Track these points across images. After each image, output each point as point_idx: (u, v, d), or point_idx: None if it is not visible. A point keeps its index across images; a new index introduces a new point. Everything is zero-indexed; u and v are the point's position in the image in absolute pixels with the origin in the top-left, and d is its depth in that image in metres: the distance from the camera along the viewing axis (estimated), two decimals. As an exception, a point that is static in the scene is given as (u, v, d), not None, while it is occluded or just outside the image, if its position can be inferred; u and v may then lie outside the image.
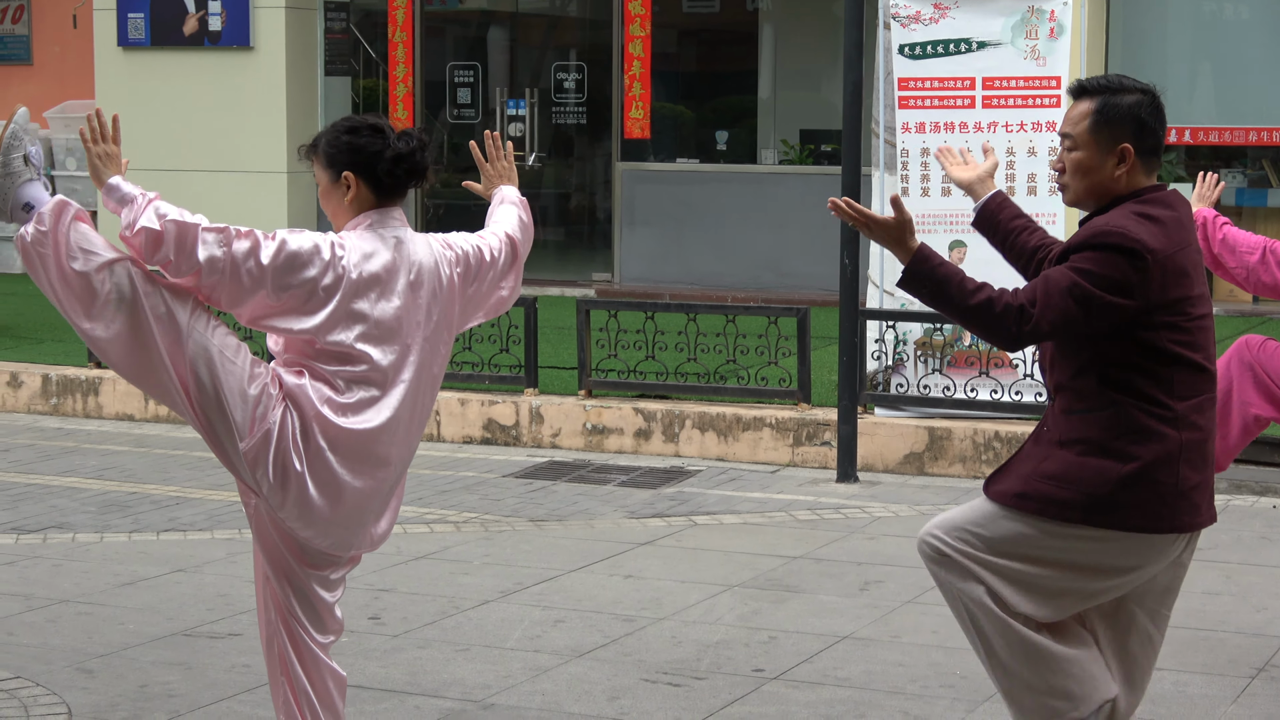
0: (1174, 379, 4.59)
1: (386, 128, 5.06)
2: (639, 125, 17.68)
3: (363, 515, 5.09)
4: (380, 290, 4.95)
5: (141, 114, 18.68)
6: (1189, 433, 4.59)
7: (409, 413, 5.06)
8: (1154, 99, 4.74)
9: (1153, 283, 4.53)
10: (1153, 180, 4.73)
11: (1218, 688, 6.71)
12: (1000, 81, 10.78)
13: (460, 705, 6.51)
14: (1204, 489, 4.66)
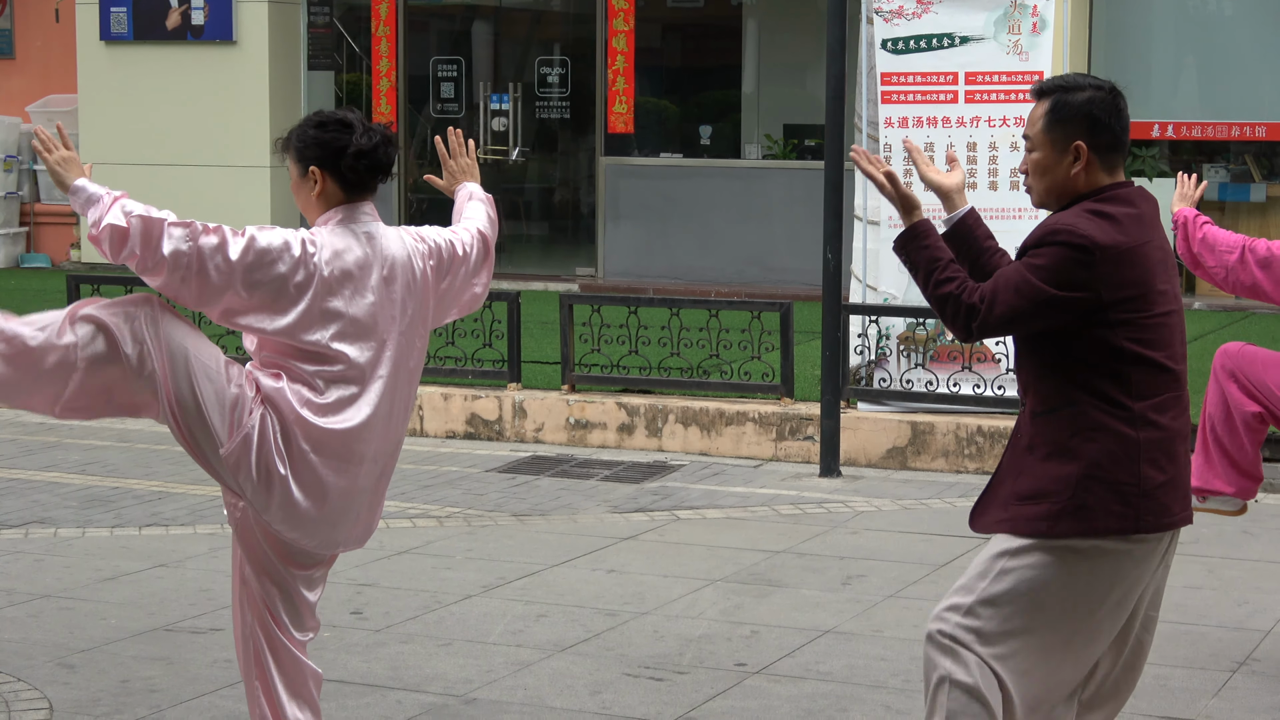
0: (1132, 377, 4.52)
1: (356, 122, 5.03)
2: (623, 120, 17.68)
3: (346, 513, 5.08)
4: (354, 287, 4.93)
5: (124, 108, 18.66)
6: (1148, 431, 4.53)
7: (388, 408, 5.05)
8: (1110, 95, 4.66)
9: (1102, 278, 4.49)
10: (1116, 177, 4.68)
11: (1199, 681, 6.72)
12: (983, 76, 10.79)
13: (442, 700, 6.51)
14: (1171, 488, 4.58)
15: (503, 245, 19.60)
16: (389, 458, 5.21)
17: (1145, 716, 6.30)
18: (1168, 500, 4.57)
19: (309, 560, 5.17)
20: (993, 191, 10.76)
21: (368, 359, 4.96)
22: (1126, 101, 4.71)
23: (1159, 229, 4.65)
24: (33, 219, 19.79)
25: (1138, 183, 14.64)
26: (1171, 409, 4.58)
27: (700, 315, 11.69)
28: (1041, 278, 4.52)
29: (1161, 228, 4.69)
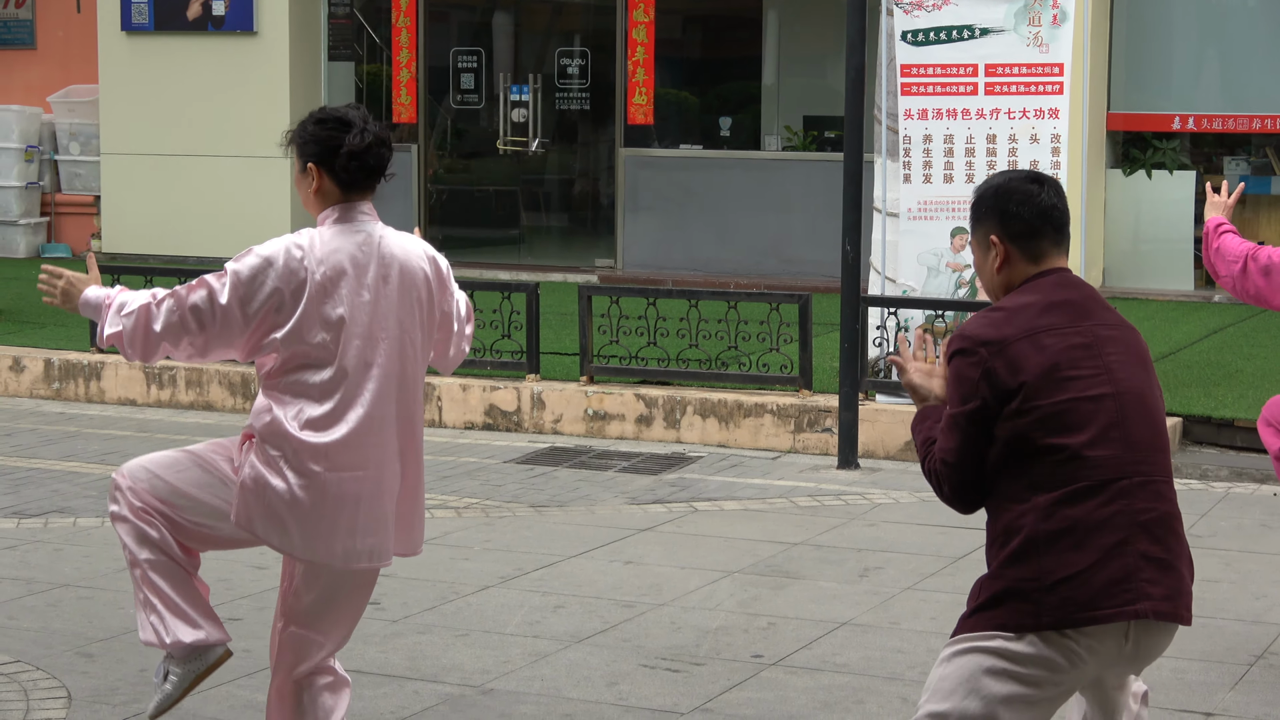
0: (1033, 471, 4.33)
1: (355, 120, 5.01)
2: (642, 111, 17.68)
3: (367, 521, 5.06)
4: (348, 285, 4.93)
5: (144, 99, 18.69)
6: (1049, 524, 4.29)
7: (389, 409, 5.02)
8: (1024, 182, 4.53)
9: (996, 373, 4.34)
10: (1044, 265, 4.52)
11: (1216, 674, 6.72)
12: (1003, 68, 10.78)
13: (459, 690, 6.52)
14: (1080, 584, 4.27)
15: (522, 236, 19.69)
16: (405, 461, 5.16)
17: (1163, 709, 6.29)
18: (1074, 594, 4.28)
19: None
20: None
21: (364, 357, 4.95)
22: (1055, 186, 4.57)
23: (1074, 314, 4.45)
24: (54, 209, 19.84)
25: (1155, 176, 14.53)
26: (1085, 499, 4.31)
27: (719, 307, 11.69)
28: (955, 401, 4.43)
29: (1086, 310, 4.47)
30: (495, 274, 17.13)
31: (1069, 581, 4.27)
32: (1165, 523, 4.39)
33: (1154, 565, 4.33)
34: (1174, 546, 4.39)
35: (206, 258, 17.92)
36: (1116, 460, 4.34)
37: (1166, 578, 4.35)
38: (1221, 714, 6.29)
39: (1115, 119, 16.24)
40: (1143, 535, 4.33)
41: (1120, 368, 4.43)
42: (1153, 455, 4.41)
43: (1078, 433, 4.33)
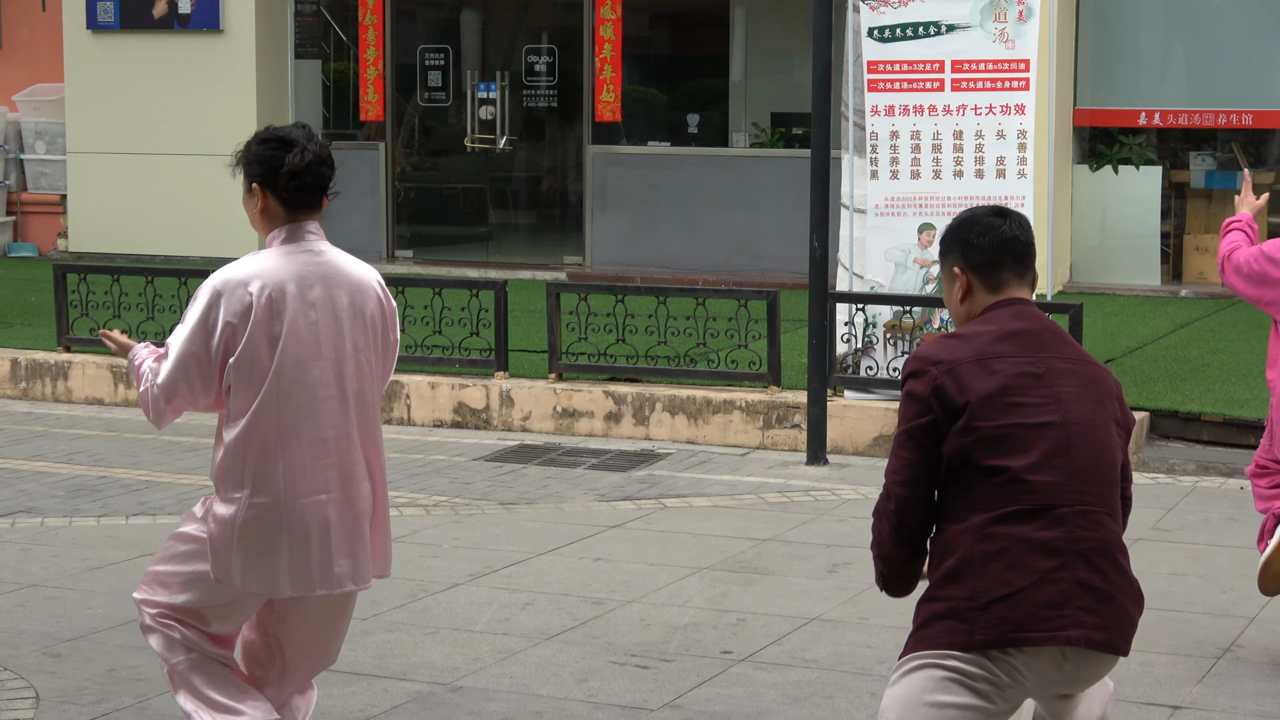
0: (973, 492, 4.36)
1: (298, 139, 4.99)
2: (610, 108, 17.67)
3: (341, 542, 5.01)
4: (293, 306, 4.88)
5: (111, 97, 18.63)
6: (986, 544, 4.32)
7: (345, 430, 4.96)
8: (987, 215, 4.59)
9: (945, 390, 4.38)
10: (1003, 295, 4.56)
11: (1183, 668, 6.74)
12: (969, 64, 10.79)
13: (429, 688, 6.52)
14: (1014, 604, 4.28)
15: (490, 234, 19.66)
16: (375, 481, 5.10)
17: (1130, 703, 6.32)
18: (1011, 614, 4.29)
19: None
20: (979, 180, 10.77)
21: (316, 377, 4.90)
22: (1019, 220, 4.60)
23: (1035, 343, 4.48)
24: (20, 208, 19.76)
25: (1122, 172, 14.56)
26: (1024, 521, 4.31)
27: (687, 304, 11.69)
28: (904, 418, 4.46)
29: (1042, 341, 4.49)
30: (464, 272, 17.10)
31: (1003, 601, 4.29)
32: (1105, 552, 4.38)
33: (1091, 594, 4.33)
34: (1114, 577, 4.39)
35: (174, 256, 17.88)
36: (1058, 487, 4.35)
37: (1104, 607, 4.35)
38: (1189, 707, 6.32)
39: (1082, 114, 16.28)
40: (1080, 563, 4.33)
41: (1071, 399, 4.44)
42: (1096, 486, 4.42)
43: (1019, 456, 4.35)
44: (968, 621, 4.31)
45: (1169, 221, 16.42)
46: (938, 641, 4.37)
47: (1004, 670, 4.33)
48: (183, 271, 12.97)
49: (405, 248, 18.61)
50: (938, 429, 4.39)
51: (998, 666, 4.32)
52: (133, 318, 12.76)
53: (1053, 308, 10.86)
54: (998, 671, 4.32)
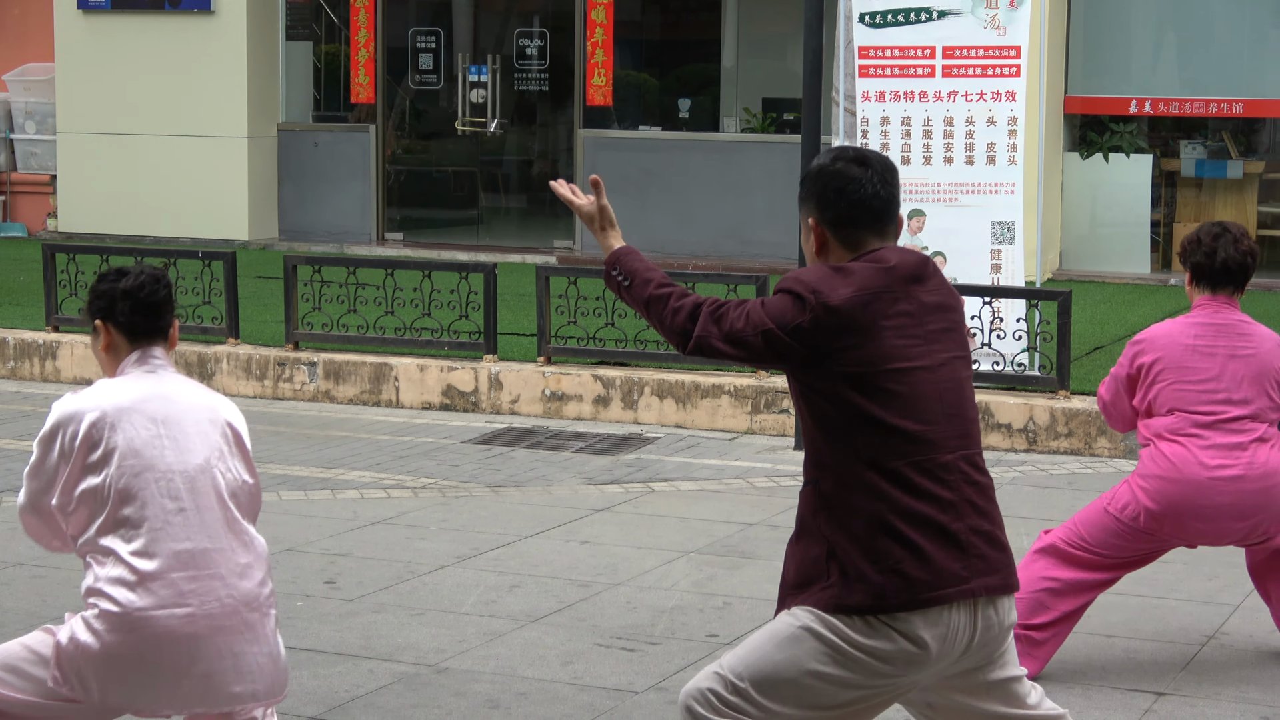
0: (856, 439, 4.26)
1: (132, 270, 4.93)
2: (601, 92, 17.66)
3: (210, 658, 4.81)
4: (143, 430, 4.79)
5: (101, 78, 18.61)
6: (877, 502, 4.24)
7: (202, 543, 4.81)
8: (847, 165, 4.43)
9: (820, 327, 4.27)
10: (863, 250, 4.41)
11: (1168, 654, 6.76)
12: (960, 51, 10.79)
13: (414, 669, 6.53)
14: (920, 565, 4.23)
15: (480, 217, 19.64)
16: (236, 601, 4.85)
17: (1114, 689, 6.33)
18: (919, 575, 4.23)
19: None
20: (969, 166, 10.77)
21: (170, 496, 4.78)
22: (881, 169, 4.46)
23: (907, 280, 4.37)
24: (9, 188, 19.74)
25: (1113, 160, 14.55)
26: (923, 475, 4.25)
27: (677, 288, 11.67)
28: (767, 309, 4.34)
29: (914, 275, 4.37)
30: (453, 254, 17.10)
31: (908, 562, 4.21)
32: (988, 494, 4.37)
33: (984, 539, 4.31)
34: (996, 517, 4.38)
35: (163, 237, 17.87)
36: (920, 437, 4.28)
37: (995, 551, 4.34)
38: (1173, 694, 6.33)
39: (1073, 102, 16.28)
40: (971, 510, 4.31)
41: (938, 337, 4.36)
42: (972, 427, 4.39)
43: (901, 408, 4.26)
44: (870, 583, 4.20)
45: (1159, 210, 16.44)
46: (835, 602, 4.24)
47: (895, 639, 4.21)
48: (172, 252, 12.96)
49: (395, 230, 18.60)
50: (787, 351, 4.30)
51: (889, 635, 4.21)
52: (122, 298, 12.74)
53: (1042, 295, 10.87)
54: (889, 642, 4.21)
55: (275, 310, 13.24)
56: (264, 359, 12.15)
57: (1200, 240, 6.52)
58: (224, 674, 4.80)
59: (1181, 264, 6.64)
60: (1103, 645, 6.84)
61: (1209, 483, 6.23)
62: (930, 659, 4.27)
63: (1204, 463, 6.24)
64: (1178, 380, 6.35)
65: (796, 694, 4.29)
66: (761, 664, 4.31)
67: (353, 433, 10.95)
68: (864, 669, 4.26)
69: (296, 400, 11.99)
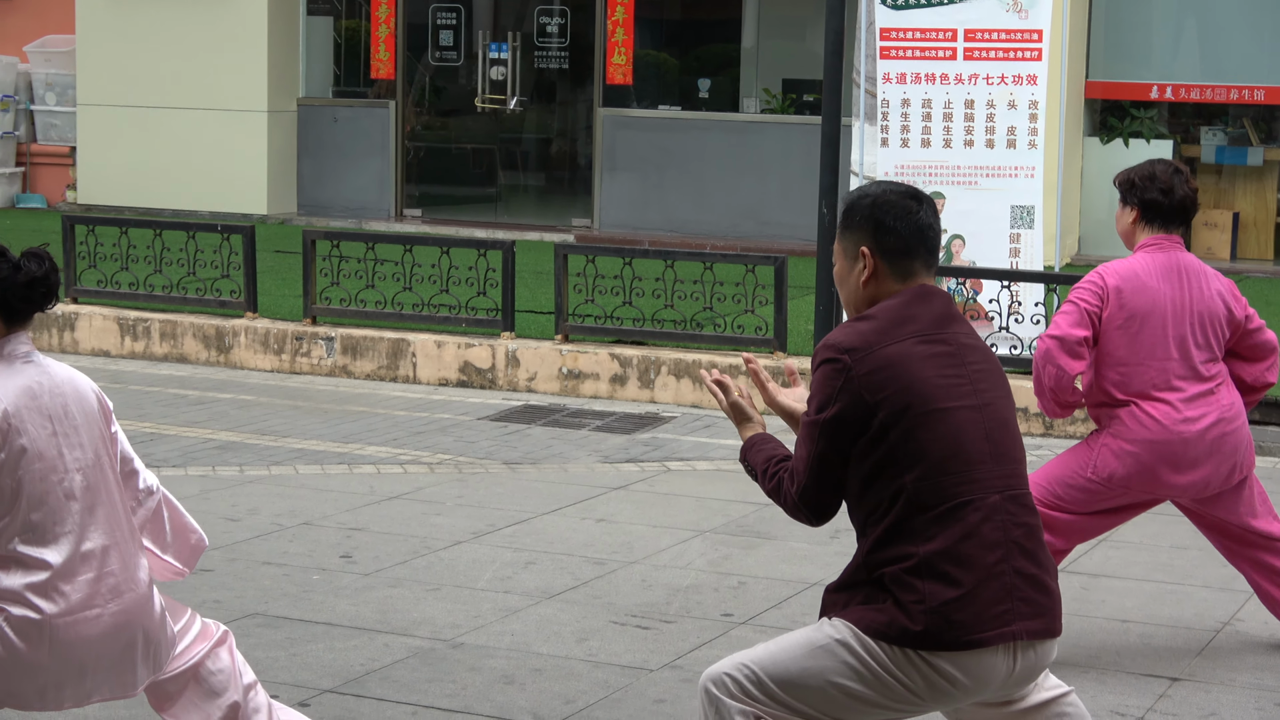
0: (905, 479, 4.24)
1: (7, 252, 4.76)
2: (621, 71, 17.65)
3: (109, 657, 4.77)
4: (30, 421, 4.69)
5: (122, 50, 18.62)
6: (931, 545, 4.22)
7: (101, 541, 4.73)
8: (902, 198, 4.40)
9: (859, 382, 4.26)
10: (911, 283, 4.39)
11: (1183, 640, 6.76)
12: (982, 34, 10.77)
13: (429, 644, 6.54)
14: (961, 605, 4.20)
15: (499, 195, 19.65)
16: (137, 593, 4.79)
17: (1129, 674, 6.34)
18: (960, 617, 4.19)
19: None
20: (989, 149, 10.76)
21: (63, 489, 4.70)
22: (931, 208, 4.42)
23: (943, 320, 4.36)
24: (29, 159, 19.76)
25: (1133, 145, 14.45)
26: (970, 514, 4.23)
27: (695, 268, 11.69)
28: (815, 408, 4.33)
29: (950, 317, 4.36)
30: (472, 232, 17.11)
31: (952, 604, 4.18)
32: (1036, 536, 4.34)
33: (1028, 583, 4.28)
34: (1044, 559, 4.35)
35: (182, 210, 17.88)
36: (988, 475, 4.28)
37: (1039, 595, 4.30)
38: (1187, 679, 6.33)
39: (1094, 87, 16.25)
40: (1017, 552, 4.28)
41: (982, 378, 4.36)
42: (1019, 467, 4.38)
43: (947, 445, 4.25)
44: (911, 620, 4.19)
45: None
46: (874, 628, 4.23)
47: (927, 675, 4.22)
48: (191, 225, 12.98)
49: (414, 207, 18.60)
50: (850, 424, 4.27)
51: (923, 670, 4.22)
52: (140, 270, 12.78)
53: (1060, 279, 10.86)
54: (921, 676, 4.22)
55: (293, 285, 13.25)
56: (282, 333, 12.17)
57: (1156, 176, 6.32)
58: (129, 664, 4.80)
59: (1125, 200, 6.39)
60: (1118, 630, 6.85)
61: (1193, 435, 6.20)
62: (961, 696, 4.29)
63: (1187, 417, 6.20)
64: (1151, 329, 6.21)
65: (818, 701, 4.30)
66: (789, 666, 4.32)
67: (370, 408, 10.97)
68: (891, 694, 4.26)
69: (314, 375, 12.01)
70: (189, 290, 12.64)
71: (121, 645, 4.78)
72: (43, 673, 4.69)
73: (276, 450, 9.74)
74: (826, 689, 4.29)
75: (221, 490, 8.74)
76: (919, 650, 4.20)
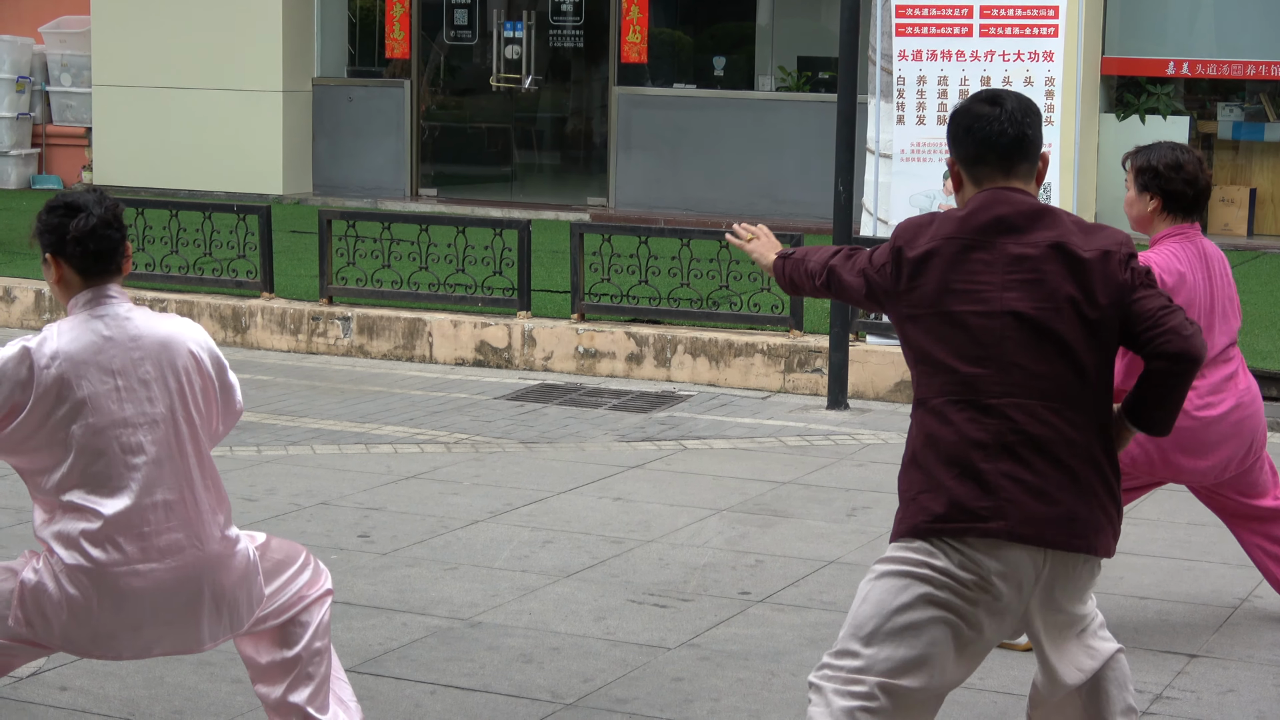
0: (915, 374, 4.51)
1: (85, 204, 4.82)
2: (636, 49, 17.63)
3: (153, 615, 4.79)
4: (91, 375, 4.72)
5: (137, 30, 18.62)
6: (920, 436, 4.44)
7: (164, 495, 4.76)
8: (974, 103, 4.59)
9: (900, 269, 4.52)
10: (983, 187, 4.55)
11: (1201, 617, 6.76)
12: (998, 10, 10.75)
13: (447, 623, 6.55)
14: (935, 494, 4.36)
15: (514, 174, 19.63)
16: (202, 552, 4.82)
17: (1147, 650, 6.33)
18: (931, 505, 4.36)
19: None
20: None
21: (122, 444, 4.73)
22: (1014, 108, 4.53)
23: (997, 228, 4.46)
24: (45, 140, 19.78)
25: (1149, 121, 14.46)
26: (959, 411, 4.37)
27: (711, 246, 11.69)
28: (868, 252, 4.73)
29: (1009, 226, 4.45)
30: (487, 211, 17.11)
31: (928, 494, 4.37)
32: (1035, 444, 4.35)
33: (1019, 486, 4.33)
34: (1044, 469, 4.35)
35: (197, 191, 17.90)
36: (988, 379, 4.37)
37: (1035, 501, 4.33)
38: (1205, 655, 6.33)
39: (1110, 63, 16.20)
40: (1006, 456, 4.33)
41: (1015, 287, 4.40)
42: (1034, 380, 4.37)
43: (951, 346, 4.41)
44: (902, 509, 4.43)
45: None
46: (897, 533, 4.45)
47: (961, 563, 4.31)
48: (207, 206, 12.99)
49: (429, 186, 18.60)
50: (876, 288, 4.62)
51: (952, 557, 4.32)
52: (157, 251, 12.80)
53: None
54: (955, 564, 4.31)
55: (309, 265, 13.26)
56: (298, 313, 12.18)
57: (1182, 165, 6.34)
58: (193, 620, 4.83)
59: (1144, 186, 6.38)
60: (1136, 607, 6.85)
61: (1213, 420, 6.22)
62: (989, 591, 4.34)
63: (1209, 402, 6.22)
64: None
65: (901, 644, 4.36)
66: (862, 617, 4.44)
67: (386, 387, 10.98)
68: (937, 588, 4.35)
69: (330, 355, 12.03)
70: (205, 271, 12.66)
71: (182, 601, 4.80)
72: (94, 619, 4.74)
73: (293, 430, 9.76)
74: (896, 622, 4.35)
75: (239, 470, 8.76)
76: (897, 539, 4.42)
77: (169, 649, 4.89)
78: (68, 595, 4.71)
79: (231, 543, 4.89)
